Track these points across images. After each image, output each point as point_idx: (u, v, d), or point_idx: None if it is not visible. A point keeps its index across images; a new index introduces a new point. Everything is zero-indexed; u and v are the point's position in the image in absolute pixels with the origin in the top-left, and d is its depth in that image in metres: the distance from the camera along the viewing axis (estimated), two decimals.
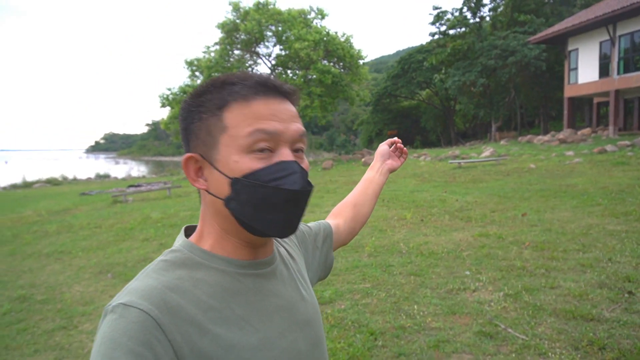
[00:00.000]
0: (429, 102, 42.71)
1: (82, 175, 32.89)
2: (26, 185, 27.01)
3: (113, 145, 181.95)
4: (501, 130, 31.53)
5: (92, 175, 33.53)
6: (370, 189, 1.19)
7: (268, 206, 0.67)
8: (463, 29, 30.50)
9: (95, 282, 4.96)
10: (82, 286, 4.85)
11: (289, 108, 0.71)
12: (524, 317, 3.37)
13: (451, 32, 30.84)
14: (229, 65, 23.64)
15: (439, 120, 41.90)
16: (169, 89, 23.76)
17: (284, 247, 0.88)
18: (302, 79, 22.19)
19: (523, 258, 4.85)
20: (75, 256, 6.20)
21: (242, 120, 0.66)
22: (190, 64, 24.04)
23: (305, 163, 0.72)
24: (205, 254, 0.71)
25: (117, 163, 74.41)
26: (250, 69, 25.17)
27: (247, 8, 22.53)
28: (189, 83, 23.52)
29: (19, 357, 3.21)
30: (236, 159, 0.66)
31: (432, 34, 32.25)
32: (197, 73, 24.49)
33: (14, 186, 26.67)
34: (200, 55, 24.38)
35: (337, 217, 1.14)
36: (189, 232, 0.79)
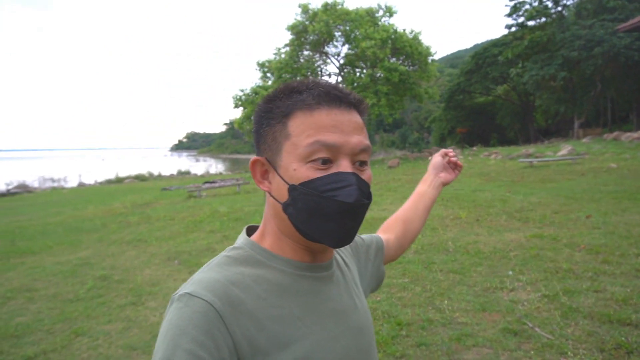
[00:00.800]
0: (506, 97, 40.63)
1: (165, 172, 35.54)
2: (118, 180, 29.79)
3: (194, 143, 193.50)
4: (587, 126, 29.27)
5: (175, 172, 36.13)
6: (421, 203, 1.17)
7: (322, 216, 0.67)
8: (543, 20, 28.68)
9: (163, 267, 5.59)
10: (152, 270, 5.48)
11: (353, 119, 0.71)
12: (555, 317, 3.35)
13: (530, 23, 29.14)
14: (297, 66, 24.34)
15: (517, 117, 39.75)
16: (242, 90, 24.95)
17: (340, 255, 0.89)
18: (369, 78, 22.29)
19: (573, 260, 4.70)
20: (149, 244, 6.95)
21: (304, 130, 0.68)
22: (262, 65, 25.07)
23: (366, 174, 0.72)
24: (265, 253, 0.74)
25: (197, 160, 79.07)
26: (319, 69, 25.72)
27: (315, 9, 23.04)
28: (261, 84, 24.53)
29: (95, 325, 3.80)
30: (295, 167, 0.68)
31: (509, 26, 30.73)
32: (268, 74, 25.50)
33: (108, 181, 29.56)
34: (271, 57, 25.34)
35: (387, 232, 1.13)
36: (250, 231, 0.82)
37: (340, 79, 25.59)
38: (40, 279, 5.28)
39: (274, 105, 0.72)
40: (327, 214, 0.67)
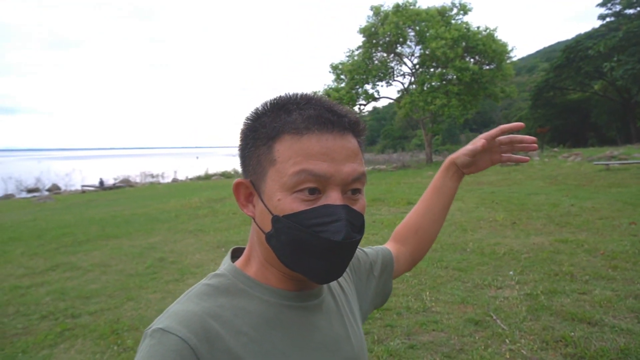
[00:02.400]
0: (604, 94, 37.28)
1: None
2: (207, 177, 32.33)
3: None
4: None
5: None
6: (437, 202, 1.01)
7: (307, 252, 0.63)
8: None
9: (210, 253, 6.52)
10: (201, 255, 6.44)
11: (347, 145, 0.65)
12: (521, 312, 3.62)
13: (628, 12, 26.64)
14: (370, 67, 24.75)
15: (615, 115, 36.37)
16: (314, 92, 25.93)
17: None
18: (439, 78, 22.05)
19: (580, 265, 4.78)
20: (207, 234, 7.99)
21: (290, 156, 0.62)
22: (335, 68, 25.84)
23: (360, 204, 0.67)
24: (249, 281, 0.69)
25: None
26: (391, 70, 25.88)
27: (387, 11, 23.28)
28: (333, 86, 25.30)
29: (143, 294, 4.76)
30: (279, 197, 0.63)
31: (602, 17, 28.33)
32: (342, 76, 26.23)
33: (198, 178, 32.26)
34: (344, 59, 26.03)
35: (398, 243, 1.03)
36: (236, 253, 0.77)
37: (412, 79, 25.56)
38: (115, 258, 6.48)
39: (260, 123, 0.66)
40: (312, 251, 0.62)
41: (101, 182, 27.71)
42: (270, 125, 0.65)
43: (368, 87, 25.12)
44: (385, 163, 33.87)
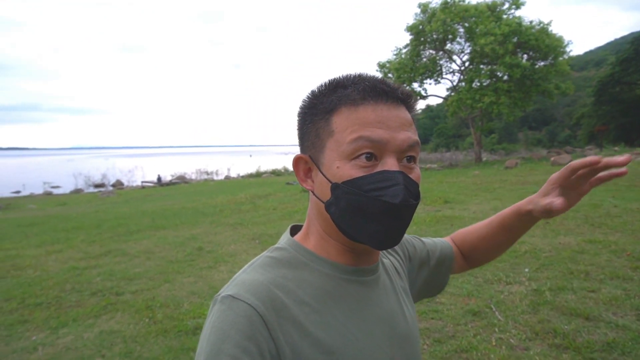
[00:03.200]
0: None
1: None
2: (257, 175, 33.36)
3: None
4: None
5: None
6: (505, 239, 0.97)
7: (366, 216, 0.64)
8: None
9: (244, 244, 6.99)
10: (236, 245, 6.93)
11: (401, 115, 0.67)
12: (523, 306, 3.73)
13: None
14: (418, 65, 24.54)
15: None
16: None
17: (390, 260, 0.86)
18: (487, 75, 21.47)
19: (599, 265, 4.74)
20: (245, 227, 8.50)
21: (347, 126, 0.65)
22: (382, 66, 25.84)
23: (415, 173, 0.68)
24: (309, 254, 0.72)
25: None
26: (439, 68, 25.50)
27: (435, 8, 22.97)
28: None
29: (179, 278, 5.27)
30: (338, 164, 0.65)
31: None
32: (389, 75, 26.16)
33: (250, 175, 33.39)
34: (391, 56, 25.95)
35: (455, 245, 1.04)
36: (294, 231, 0.80)
37: (461, 76, 25.04)
38: (159, 246, 7.12)
39: (317, 101, 0.70)
40: (371, 215, 0.64)
41: (159, 179, 29.51)
42: (328, 101, 0.68)
43: (415, 85, 24.90)
44: (437, 162, 33.35)
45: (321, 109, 0.69)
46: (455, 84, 25.68)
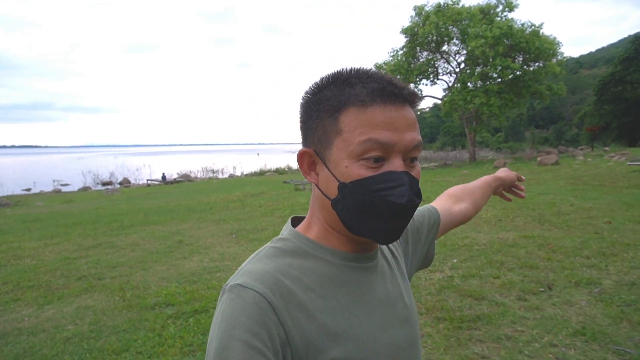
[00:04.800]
0: None
1: None
2: (261, 173, 33.97)
3: None
4: None
5: None
6: (483, 197, 1.24)
7: (373, 215, 0.67)
8: None
9: (221, 238, 7.73)
10: (213, 239, 7.66)
11: (407, 115, 0.69)
12: (431, 289, 4.40)
13: None
14: (414, 66, 25.10)
15: None
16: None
17: (387, 245, 0.87)
18: (479, 77, 21.97)
19: (518, 256, 5.39)
20: (227, 223, 9.24)
21: (356, 127, 0.67)
22: (379, 67, 26.42)
23: (416, 170, 0.71)
24: (312, 244, 0.75)
25: None
26: (434, 70, 26.02)
27: (429, 11, 23.50)
28: None
29: (155, 266, 6.02)
30: (346, 164, 0.67)
31: None
32: None
33: (254, 174, 34.03)
34: (387, 58, 26.53)
35: (452, 198, 1.16)
36: (295, 222, 0.83)
37: (455, 77, 25.54)
38: (146, 239, 7.89)
39: (324, 96, 0.71)
40: (378, 214, 0.67)
41: (163, 177, 30.40)
42: (335, 98, 0.69)
43: (411, 85, 25.45)
44: (434, 161, 33.85)
45: (328, 105, 0.70)
46: (450, 84, 26.22)
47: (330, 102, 0.69)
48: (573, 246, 5.67)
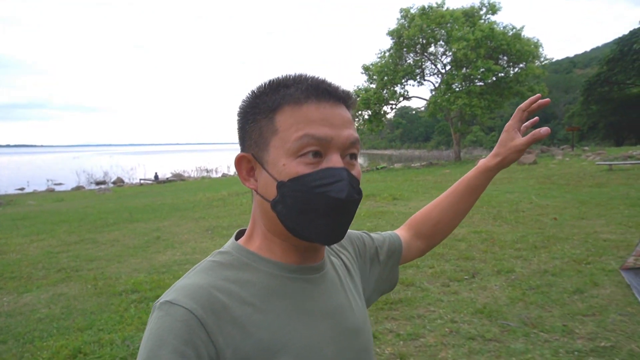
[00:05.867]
0: None
1: None
2: None
3: None
4: None
5: None
6: (469, 200, 1.02)
7: (313, 212, 0.66)
8: None
9: (197, 234, 8.22)
10: (189, 235, 8.16)
11: (342, 113, 0.70)
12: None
13: None
14: (399, 68, 25.64)
15: None
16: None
17: (340, 257, 0.87)
18: (461, 78, 22.53)
19: (459, 249, 5.92)
20: (205, 220, 9.74)
21: (292, 124, 0.67)
22: (366, 69, 26.97)
23: (356, 170, 0.71)
24: (252, 256, 0.73)
25: None
26: (420, 71, 26.57)
27: (414, 13, 24.05)
28: (362, 87, 26.43)
29: (130, 259, 6.51)
30: (284, 162, 0.67)
31: None
32: (374, 77, 27.29)
33: None
34: (375, 59, 27.07)
35: (411, 231, 1.04)
36: (239, 236, 0.80)
37: (440, 78, 26.11)
38: (127, 236, 8.38)
39: (260, 100, 0.71)
40: (318, 210, 0.66)
41: (156, 176, 30.86)
42: (270, 100, 0.69)
43: (397, 87, 26.02)
44: (432, 160, 34.41)
45: (263, 107, 0.70)
46: (436, 85, 26.79)
47: (266, 104, 0.70)
48: (512, 240, 6.20)
